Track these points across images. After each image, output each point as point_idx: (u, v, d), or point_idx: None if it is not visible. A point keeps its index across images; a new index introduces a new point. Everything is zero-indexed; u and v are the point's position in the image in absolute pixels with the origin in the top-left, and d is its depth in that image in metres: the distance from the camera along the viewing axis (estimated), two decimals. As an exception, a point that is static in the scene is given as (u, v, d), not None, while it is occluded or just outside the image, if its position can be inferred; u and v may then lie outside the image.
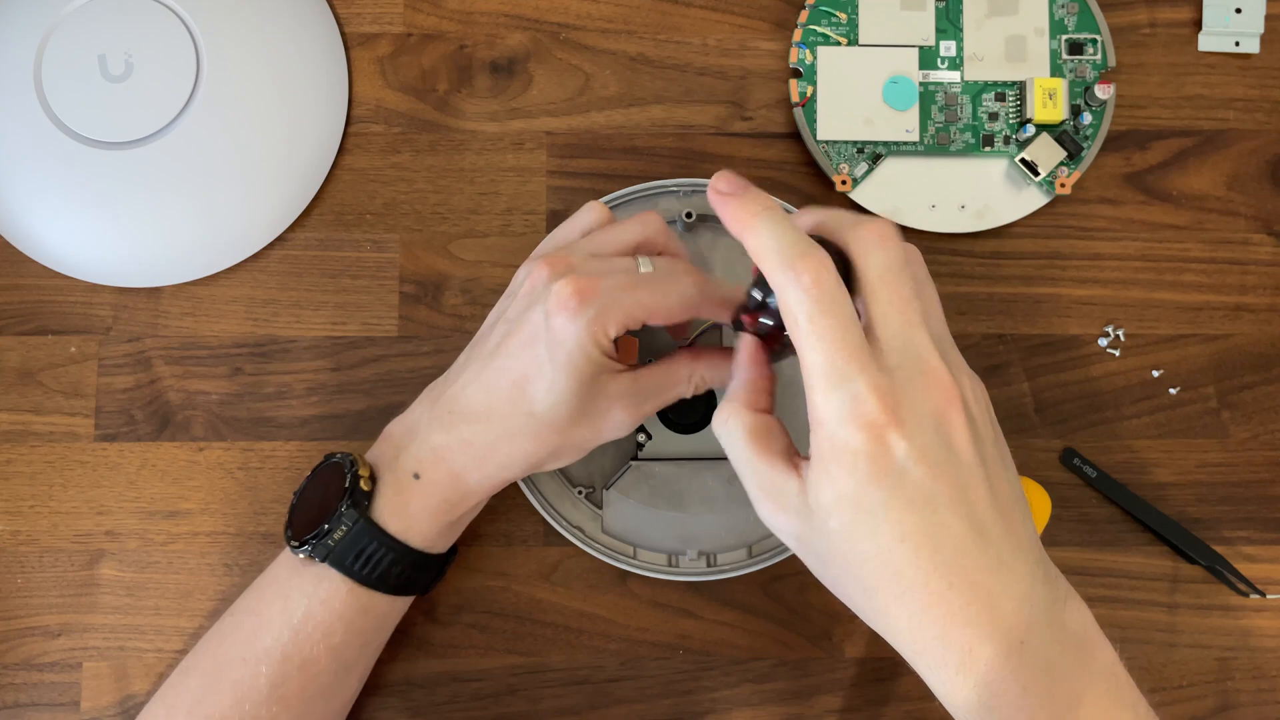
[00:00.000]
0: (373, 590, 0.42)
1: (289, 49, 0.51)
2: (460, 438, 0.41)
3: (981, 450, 0.33)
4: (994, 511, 0.33)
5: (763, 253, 0.34)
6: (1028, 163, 0.50)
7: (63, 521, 0.49)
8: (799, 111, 0.51)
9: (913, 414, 0.32)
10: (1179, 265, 0.52)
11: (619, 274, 0.40)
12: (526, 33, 0.52)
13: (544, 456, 0.42)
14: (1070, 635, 0.34)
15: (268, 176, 0.50)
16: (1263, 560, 0.50)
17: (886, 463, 0.32)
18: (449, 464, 0.42)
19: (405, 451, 0.42)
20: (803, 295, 0.33)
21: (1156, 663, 0.49)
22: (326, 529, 0.41)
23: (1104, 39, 0.51)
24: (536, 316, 0.40)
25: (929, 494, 0.32)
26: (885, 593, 0.33)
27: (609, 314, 0.39)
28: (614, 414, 0.41)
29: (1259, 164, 0.52)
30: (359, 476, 0.42)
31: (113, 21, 0.49)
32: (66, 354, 0.50)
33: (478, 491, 0.43)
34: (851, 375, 0.32)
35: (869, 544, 0.33)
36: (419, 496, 0.42)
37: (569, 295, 0.39)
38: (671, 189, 0.49)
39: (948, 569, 0.32)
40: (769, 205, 0.35)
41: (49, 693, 0.48)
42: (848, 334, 0.33)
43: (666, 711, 0.49)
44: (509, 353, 0.41)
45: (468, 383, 0.42)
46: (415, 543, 0.42)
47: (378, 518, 0.42)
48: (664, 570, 0.48)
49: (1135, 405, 0.51)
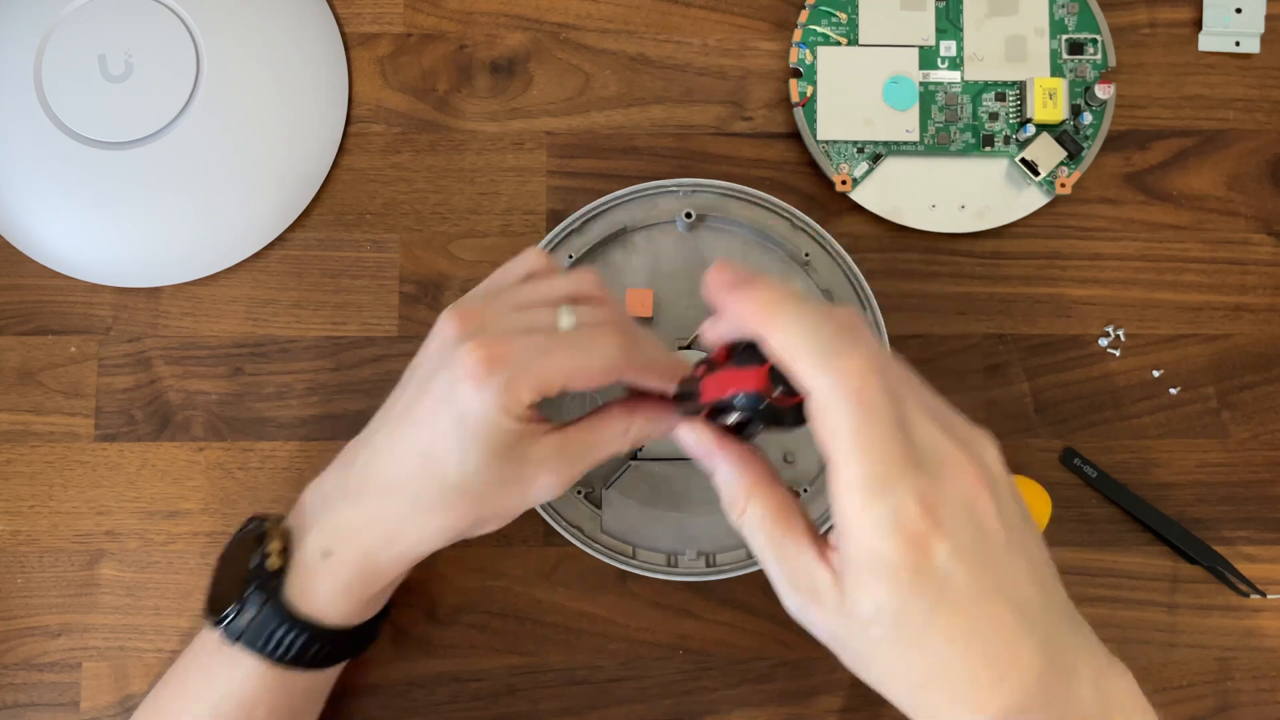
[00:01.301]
0: (291, 668, 0.40)
1: (289, 49, 0.51)
2: (369, 513, 0.39)
3: (1010, 522, 0.31)
4: (1032, 588, 0.31)
5: (794, 349, 0.30)
6: (1028, 163, 0.50)
7: (63, 521, 0.49)
8: (799, 111, 0.51)
9: (948, 512, 0.30)
10: (1179, 265, 0.52)
11: (534, 334, 0.36)
12: (526, 33, 0.52)
13: (465, 528, 0.38)
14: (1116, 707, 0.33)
15: (268, 176, 0.50)
16: (1263, 560, 0.50)
17: (930, 571, 0.30)
18: (359, 541, 0.39)
19: (317, 525, 0.40)
20: (848, 400, 0.29)
21: (1156, 663, 0.49)
22: (236, 611, 0.39)
23: (1104, 39, 0.51)
24: (442, 383, 0.36)
25: (974, 592, 0.30)
26: (934, 690, 0.31)
27: (520, 382, 0.35)
28: (541, 479, 0.38)
29: (1259, 164, 0.52)
30: (267, 554, 0.39)
31: (113, 21, 0.49)
32: (66, 354, 0.50)
33: (392, 569, 0.40)
34: (893, 486, 0.29)
35: (915, 651, 0.31)
36: (329, 577, 0.39)
37: (475, 362, 0.35)
38: (671, 189, 0.49)
39: (997, 663, 0.30)
40: (791, 293, 0.31)
41: (49, 693, 0.48)
42: (893, 443, 0.30)
43: (666, 711, 0.49)
44: (415, 420, 0.37)
45: (377, 450, 0.39)
46: (331, 621, 0.40)
47: (288, 598, 0.39)
48: (663, 570, 0.48)
49: (1135, 405, 0.51)
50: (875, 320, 0.49)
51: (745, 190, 0.49)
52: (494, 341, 0.36)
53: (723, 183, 0.49)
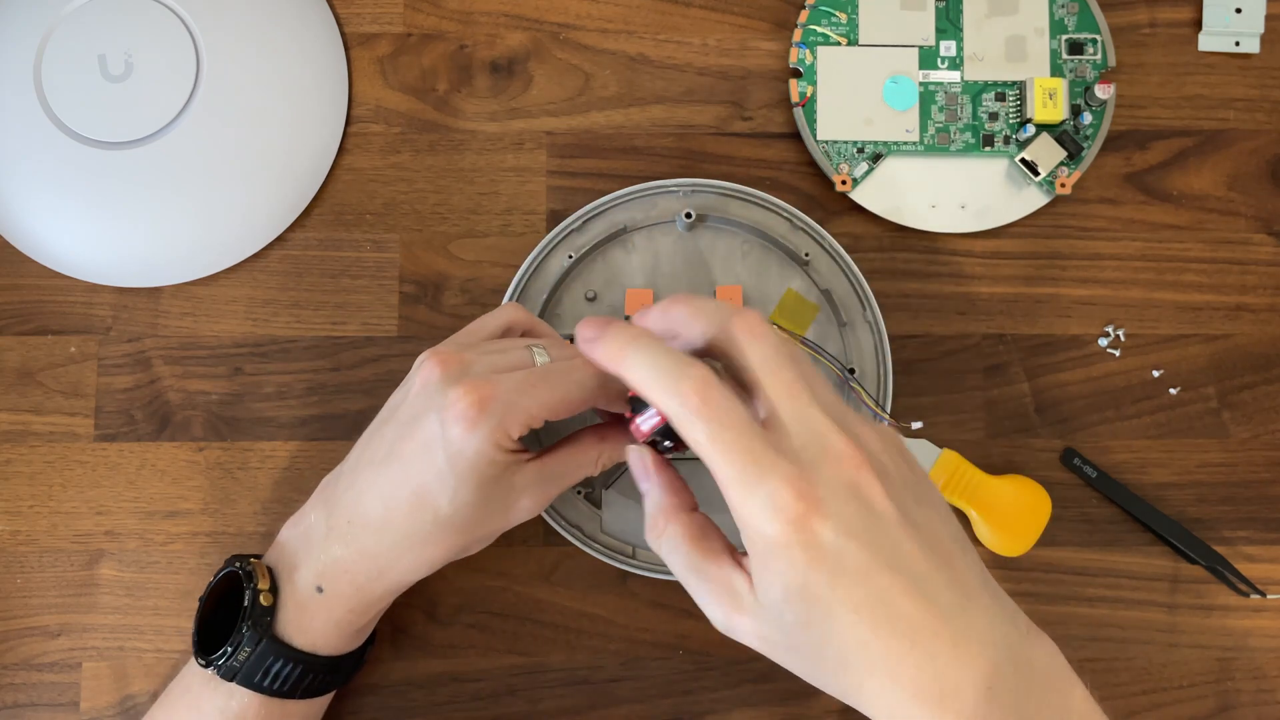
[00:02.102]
0: (286, 699, 0.42)
1: (289, 49, 0.51)
2: (360, 549, 0.40)
3: (902, 503, 0.33)
4: (931, 561, 0.33)
5: (643, 384, 0.34)
6: (1028, 163, 0.50)
7: (62, 521, 0.49)
8: (799, 111, 0.51)
9: (829, 493, 0.32)
10: (1179, 265, 0.52)
11: (516, 374, 0.39)
12: (526, 33, 0.52)
13: (451, 555, 0.41)
14: (1038, 674, 0.33)
15: (268, 176, 0.50)
16: (1263, 560, 0.50)
17: (820, 548, 0.32)
18: (351, 576, 0.41)
19: (305, 564, 0.41)
20: (693, 415, 0.32)
21: (1156, 663, 0.49)
22: (230, 651, 0.40)
23: (1104, 39, 0.51)
24: (432, 425, 0.38)
25: (866, 564, 0.32)
26: (855, 668, 0.33)
27: (510, 419, 0.38)
28: (522, 503, 0.40)
29: (1259, 164, 0.52)
30: (259, 592, 0.41)
31: (113, 21, 0.49)
32: (66, 354, 0.50)
33: (383, 599, 0.42)
34: (763, 477, 0.32)
35: (827, 625, 0.32)
36: (323, 611, 0.41)
37: (467, 405, 0.37)
38: (671, 189, 0.49)
39: (904, 631, 0.32)
40: (635, 335, 0.34)
41: (49, 693, 0.48)
42: (749, 440, 0.32)
43: (666, 711, 0.49)
44: (404, 460, 0.39)
45: (363, 490, 0.40)
46: (324, 652, 0.42)
47: (282, 633, 0.41)
48: (662, 571, 0.48)
49: (1135, 405, 0.51)
50: (875, 320, 0.49)
51: (745, 190, 0.49)
52: (483, 384, 0.38)
53: (722, 183, 0.49)
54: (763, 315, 0.36)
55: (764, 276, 0.50)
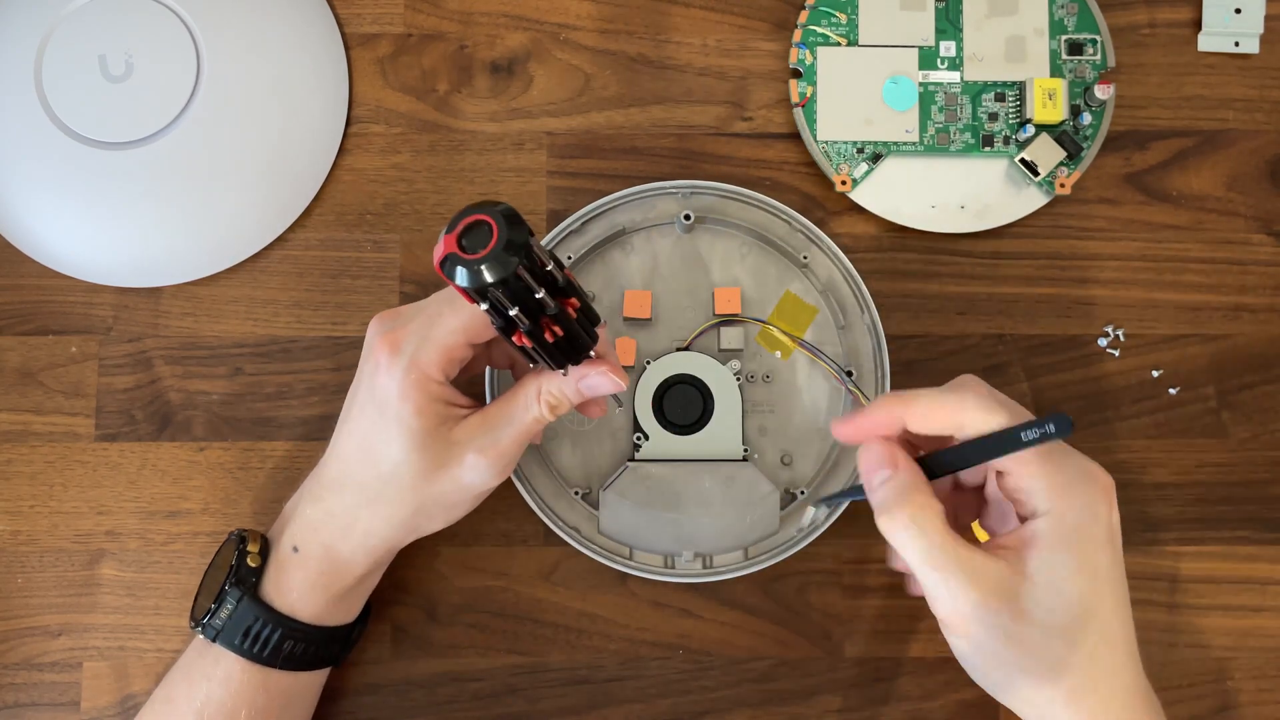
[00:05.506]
0: (268, 667, 0.42)
1: (289, 49, 0.51)
2: (326, 509, 0.42)
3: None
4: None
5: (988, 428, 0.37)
6: (1028, 163, 0.50)
7: (63, 521, 0.50)
8: (799, 111, 0.51)
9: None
10: (1179, 265, 0.52)
11: (427, 308, 0.40)
12: (526, 33, 0.52)
13: (408, 517, 0.41)
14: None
15: (268, 176, 0.50)
16: (1263, 560, 0.50)
17: (1115, 532, 0.38)
18: (320, 536, 0.42)
19: (288, 526, 0.43)
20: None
21: (1156, 663, 0.49)
22: (213, 608, 0.42)
23: (1104, 39, 0.51)
24: (365, 379, 0.40)
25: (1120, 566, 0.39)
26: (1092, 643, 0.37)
27: (424, 355, 0.39)
28: (469, 459, 0.40)
29: (1259, 164, 0.52)
30: (246, 554, 0.42)
31: (113, 21, 0.49)
32: (67, 354, 0.50)
33: (354, 563, 0.42)
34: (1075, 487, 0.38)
35: (1099, 603, 0.37)
36: (299, 571, 0.42)
37: (381, 348, 0.39)
38: (670, 190, 0.49)
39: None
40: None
41: (49, 693, 0.49)
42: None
43: (666, 711, 0.49)
44: (352, 417, 0.41)
45: (329, 452, 0.42)
46: (304, 617, 0.42)
47: (264, 594, 0.42)
48: (660, 572, 0.48)
49: (1135, 405, 0.51)
50: (874, 323, 0.49)
51: (743, 192, 0.49)
52: (397, 327, 0.40)
53: (721, 184, 0.49)
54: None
55: (762, 278, 0.50)
